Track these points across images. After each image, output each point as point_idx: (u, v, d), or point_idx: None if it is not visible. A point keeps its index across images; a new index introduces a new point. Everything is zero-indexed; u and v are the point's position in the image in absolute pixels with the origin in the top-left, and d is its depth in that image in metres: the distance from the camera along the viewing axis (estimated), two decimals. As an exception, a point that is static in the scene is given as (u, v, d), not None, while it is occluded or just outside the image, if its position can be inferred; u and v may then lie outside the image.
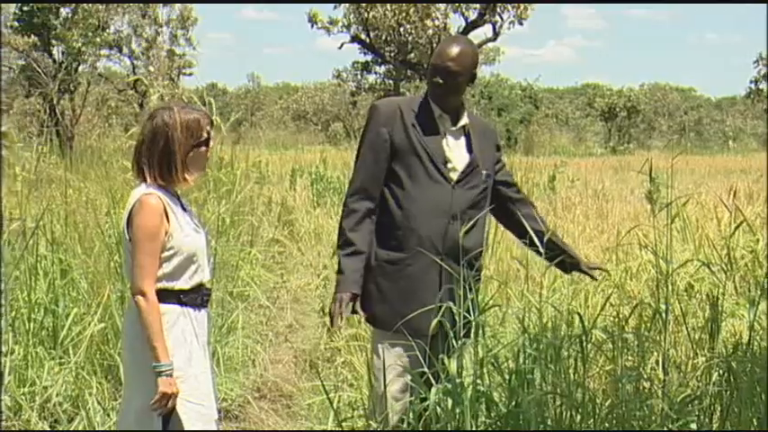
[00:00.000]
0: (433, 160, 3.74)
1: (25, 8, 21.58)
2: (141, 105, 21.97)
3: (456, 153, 3.80)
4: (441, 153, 3.76)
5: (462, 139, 3.84)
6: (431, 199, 3.72)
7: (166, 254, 3.34)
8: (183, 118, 3.36)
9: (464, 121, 3.84)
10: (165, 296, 3.34)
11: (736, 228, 4.52)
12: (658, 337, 3.83)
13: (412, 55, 20.46)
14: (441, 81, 3.74)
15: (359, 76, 34.60)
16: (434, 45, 19.82)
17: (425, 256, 3.69)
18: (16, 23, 21.82)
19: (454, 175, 3.76)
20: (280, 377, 5.91)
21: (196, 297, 3.43)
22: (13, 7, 21.98)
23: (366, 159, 3.79)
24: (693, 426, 3.53)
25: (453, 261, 3.69)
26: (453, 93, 3.79)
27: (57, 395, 4.79)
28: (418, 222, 3.71)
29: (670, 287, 3.85)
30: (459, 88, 3.78)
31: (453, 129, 3.82)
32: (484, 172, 3.81)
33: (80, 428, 4.69)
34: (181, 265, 3.37)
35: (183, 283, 3.38)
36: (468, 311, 3.59)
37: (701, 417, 3.60)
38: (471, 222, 3.71)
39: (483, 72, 37.43)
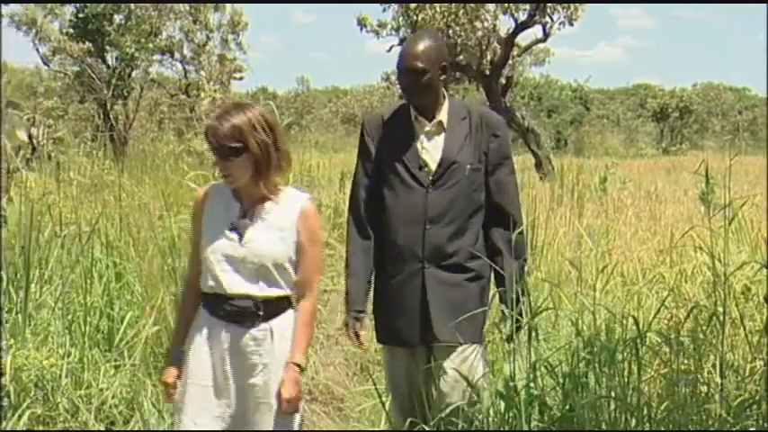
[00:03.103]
0: (406, 165, 3.64)
1: (80, 15, 21.98)
2: (192, 110, 22.19)
3: (432, 154, 3.67)
4: (415, 157, 3.65)
5: (440, 137, 3.69)
6: (404, 206, 3.64)
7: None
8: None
9: (440, 117, 3.69)
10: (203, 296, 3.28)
11: (796, 229, 4.43)
12: (715, 341, 3.77)
13: (461, 57, 20.37)
14: (411, 83, 3.61)
15: (408, 79, 34.51)
16: (483, 47, 19.55)
17: (406, 266, 3.64)
18: (71, 30, 22.23)
19: (430, 178, 3.65)
20: (331, 380, 5.92)
21: (214, 306, 3.22)
22: (68, 14, 22.41)
23: (358, 171, 3.77)
24: (752, 430, 3.47)
25: (437, 266, 3.62)
26: (425, 91, 3.64)
27: (112, 397, 4.84)
28: (396, 232, 3.65)
29: (726, 289, 3.79)
30: (430, 86, 3.62)
31: (428, 128, 3.68)
32: (468, 166, 3.65)
33: (135, 430, 4.75)
34: (203, 266, 3.25)
35: (203, 286, 3.25)
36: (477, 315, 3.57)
37: (760, 421, 3.54)
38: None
39: (533, 73, 37.14)
